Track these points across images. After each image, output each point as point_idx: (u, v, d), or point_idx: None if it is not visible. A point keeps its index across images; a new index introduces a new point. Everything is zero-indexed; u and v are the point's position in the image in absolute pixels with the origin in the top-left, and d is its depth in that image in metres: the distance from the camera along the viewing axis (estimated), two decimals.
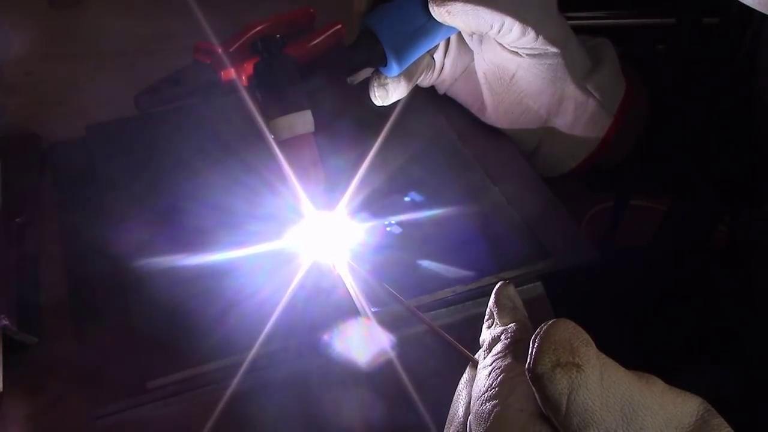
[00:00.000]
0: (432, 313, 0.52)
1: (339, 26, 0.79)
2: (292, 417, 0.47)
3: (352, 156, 0.56)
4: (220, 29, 0.70)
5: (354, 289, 0.46)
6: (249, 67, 0.71)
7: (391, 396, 0.46)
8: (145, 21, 0.83)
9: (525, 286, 0.54)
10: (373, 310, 0.48)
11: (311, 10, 0.82)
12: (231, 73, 0.71)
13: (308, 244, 0.51)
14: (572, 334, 0.29)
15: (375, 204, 0.56)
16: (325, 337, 0.49)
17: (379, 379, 0.47)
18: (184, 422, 0.46)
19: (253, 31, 0.76)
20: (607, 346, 0.31)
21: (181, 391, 0.47)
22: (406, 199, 0.59)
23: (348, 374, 0.48)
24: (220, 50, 0.72)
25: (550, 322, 0.29)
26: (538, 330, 0.29)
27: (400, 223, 0.56)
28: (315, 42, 0.77)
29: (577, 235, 0.57)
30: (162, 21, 0.83)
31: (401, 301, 0.42)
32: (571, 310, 0.37)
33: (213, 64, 0.72)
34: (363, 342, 0.48)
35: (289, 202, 0.53)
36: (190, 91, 0.71)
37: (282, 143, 0.54)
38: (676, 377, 0.31)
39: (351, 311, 0.48)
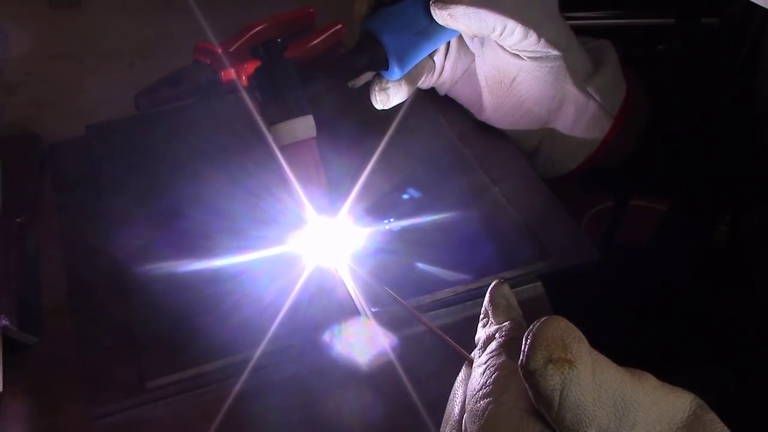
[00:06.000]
0: (432, 313, 0.52)
1: (339, 26, 0.79)
2: (293, 417, 0.47)
3: (354, 160, 0.56)
4: (220, 29, 0.71)
5: (355, 290, 0.47)
6: (249, 68, 0.71)
7: (391, 395, 0.46)
8: (145, 21, 0.83)
9: (525, 286, 0.54)
10: (373, 310, 0.48)
11: (311, 10, 0.82)
12: (231, 73, 0.72)
13: (310, 247, 0.51)
14: (564, 330, 0.29)
15: (376, 206, 0.56)
16: (326, 337, 0.49)
17: (379, 379, 0.47)
18: (185, 422, 0.46)
19: (253, 31, 0.76)
20: (607, 345, 0.31)
21: (181, 391, 0.47)
22: (405, 197, 0.59)
23: (349, 374, 0.48)
24: (220, 50, 0.72)
25: (543, 319, 0.29)
26: (530, 327, 0.30)
27: (400, 224, 0.56)
28: (315, 42, 0.77)
29: (577, 235, 0.57)
30: (162, 21, 0.83)
31: (400, 302, 0.42)
32: (571, 309, 0.37)
33: (213, 64, 0.72)
34: (364, 342, 0.49)
35: (290, 207, 0.52)
36: (190, 91, 0.71)
37: (283, 148, 0.53)
38: (675, 377, 0.32)
39: (352, 312, 0.48)
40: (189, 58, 0.73)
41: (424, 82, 0.61)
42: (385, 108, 0.57)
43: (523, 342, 0.29)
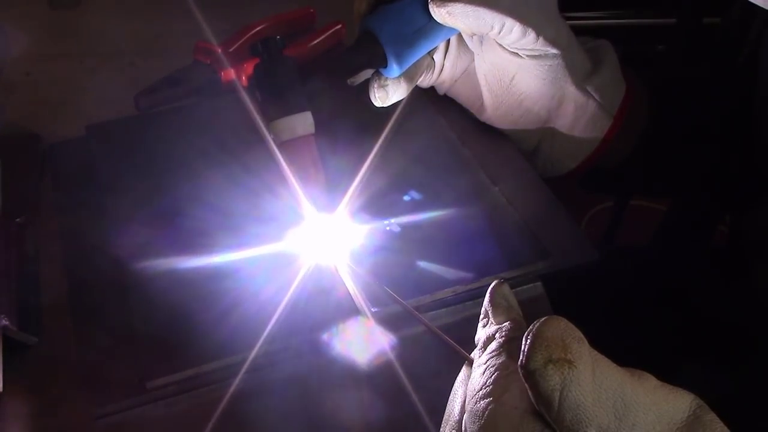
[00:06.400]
0: (432, 313, 0.52)
1: (339, 26, 0.79)
2: (293, 417, 0.47)
3: (353, 157, 0.56)
4: (220, 29, 0.71)
5: (354, 289, 0.46)
6: (249, 68, 0.71)
7: (391, 396, 0.46)
8: (145, 21, 0.83)
9: (525, 286, 0.54)
10: (373, 310, 0.48)
11: (311, 10, 0.82)
12: (231, 73, 0.72)
13: (309, 245, 0.51)
14: (564, 330, 0.29)
15: (375, 205, 0.56)
16: (326, 337, 0.49)
17: (378, 379, 0.47)
18: (184, 422, 0.46)
19: (253, 31, 0.76)
20: (607, 345, 0.31)
21: (181, 391, 0.47)
22: (406, 198, 0.59)
23: (348, 374, 0.48)
24: (220, 50, 0.72)
25: (543, 319, 0.29)
26: (530, 327, 0.30)
27: (400, 224, 0.56)
28: (315, 42, 0.77)
29: (577, 235, 0.57)
30: (162, 21, 0.83)
31: (400, 302, 0.42)
32: (570, 310, 0.37)
33: (213, 64, 0.72)
34: (363, 342, 0.48)
35: (289, 204, 0.52)
36: (190, 91, 0.71)
37: (282, 145, 0.54)
38: (676, 377, 0.32)
39: (351, 311, 0.48)
40: (189, 58, 0.73)
41: (424, 81, 0.61)
42: (384, 105, 0.57)
43: (523, 342, 0.29)
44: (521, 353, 0.29)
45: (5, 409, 0.46)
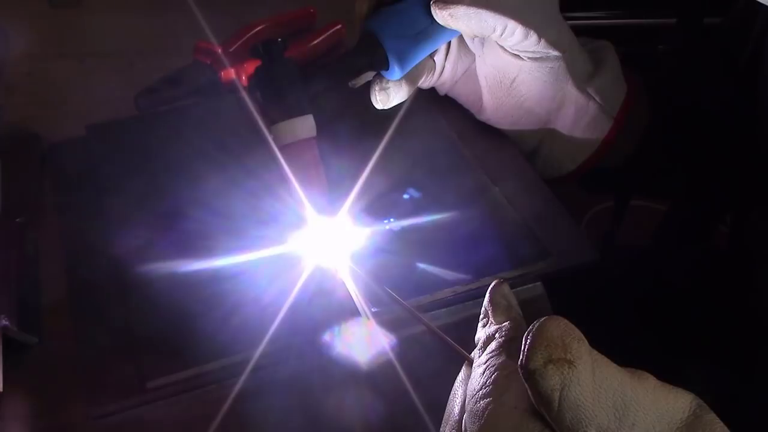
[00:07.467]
0: (432, 313, 0.52)
1: (339, 26, 0.79)
2: (293, 417, 0.47)
3: (354, 160, 0.56)
4: (220, 29, 0.71)
5: (354, 290, 0.46)
6: (249, 68, 0.71)
7: (391, 396, 0.46)
8: (145, 21, 0.83)
9: (525, 286, 0.54)
10: (373, 310, 0.48)
11: (311, 10, 0.82)
12: (231, 73, 0.72)
13: (310, 247, 0.51)
14: (564, 330, 0.29)
15: (376, 206, 0.56)
16: (326, 337, 0.49)
17: (379, 379, 0.47)
18: (185, 422, 0.46)
19: (253, 31, 0.76)
20: (607, 345, 0.31)
21: (181, 391, 0.47)
22: (405, 197, 0.59)
23: (349, 374, 0.48)
24: (220, 50, 0.72)
25: (543, 319, 0.29)
26: (530, 327, 0.30)
27: (400, 224, 0.56)
28: (315, 42, 0.77)
29: (577, 235, 0.57)
30: (162, 21, 0.83)
31: (400, 302, 0.42)
32: (570, 310, 0.37)
33: (213, 64, 0.72)
34: (364, 343, 0.48)
35: (290, 207, 0.52)
36: (190, 91, 0.71)
37: (284, 147, 0.53)
38: (675, 377, 0.32)
39: (352, 312, 0.48)
40: (189, 58, 0.73)
41: (425, 82, 0.61)
42: (386, 108, 0.57)
43: (523, 342, 0.29)
44: (521, 353, 0.29)
45: (5, 409, 0.46)
